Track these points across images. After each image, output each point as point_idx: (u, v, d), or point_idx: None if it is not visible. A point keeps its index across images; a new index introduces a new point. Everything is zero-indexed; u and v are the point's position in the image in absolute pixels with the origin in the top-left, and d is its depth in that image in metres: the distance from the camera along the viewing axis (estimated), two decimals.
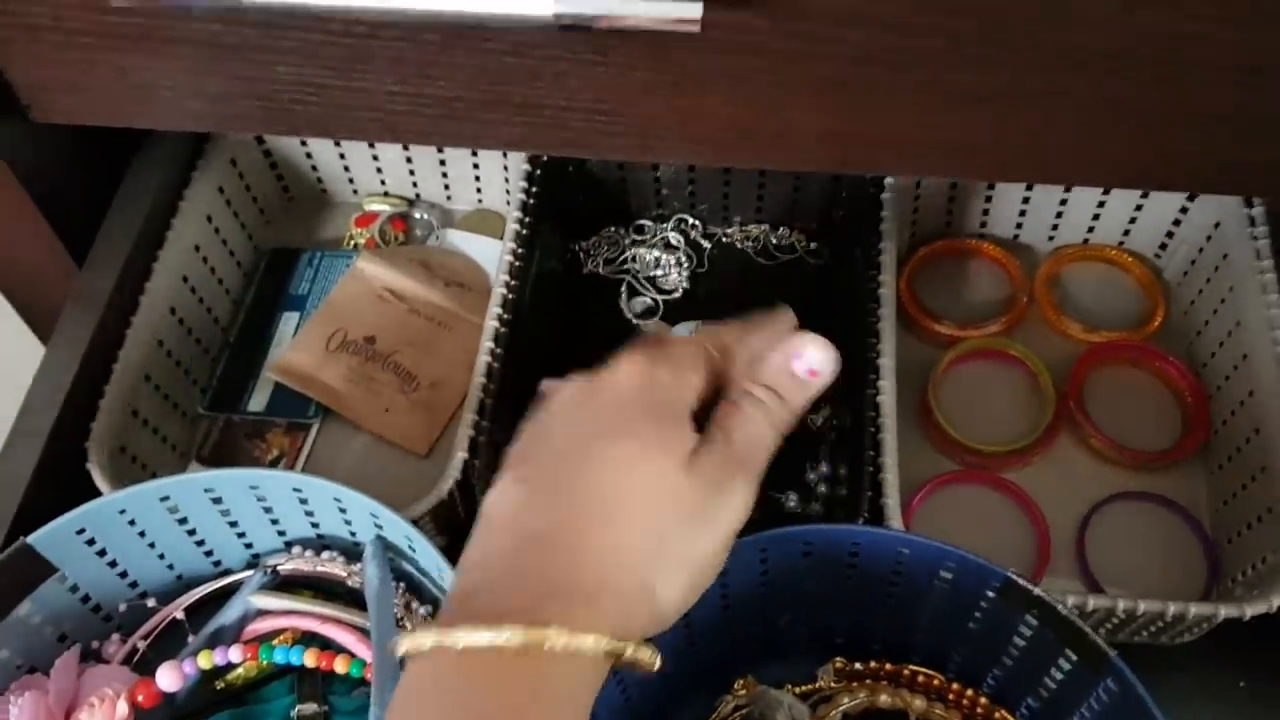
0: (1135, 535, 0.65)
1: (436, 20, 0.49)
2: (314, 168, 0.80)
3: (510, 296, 0.66)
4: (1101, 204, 0.72)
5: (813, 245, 0.77)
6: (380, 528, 0.53)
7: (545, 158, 0.72)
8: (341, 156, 0.79)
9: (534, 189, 0.70)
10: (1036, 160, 0.51)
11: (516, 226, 0.68)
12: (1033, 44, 0.46)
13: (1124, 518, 0.65)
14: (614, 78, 0.51)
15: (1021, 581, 0.47)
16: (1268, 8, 0.43)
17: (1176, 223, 0.72)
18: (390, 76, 0.54)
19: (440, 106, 0.55)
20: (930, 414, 0.68)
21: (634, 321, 0.74)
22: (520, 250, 0.68)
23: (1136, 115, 0.48)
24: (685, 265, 0.76)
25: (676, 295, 0.75)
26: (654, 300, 0.75)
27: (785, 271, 0.77)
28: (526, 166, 0.71)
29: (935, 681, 0.55)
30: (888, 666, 0.56)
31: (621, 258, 0.77)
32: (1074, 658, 0.47)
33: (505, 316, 0.65)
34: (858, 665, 0.56)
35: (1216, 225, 0.68)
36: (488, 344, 0.63)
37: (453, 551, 0.64)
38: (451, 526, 0.64)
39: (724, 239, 0.78)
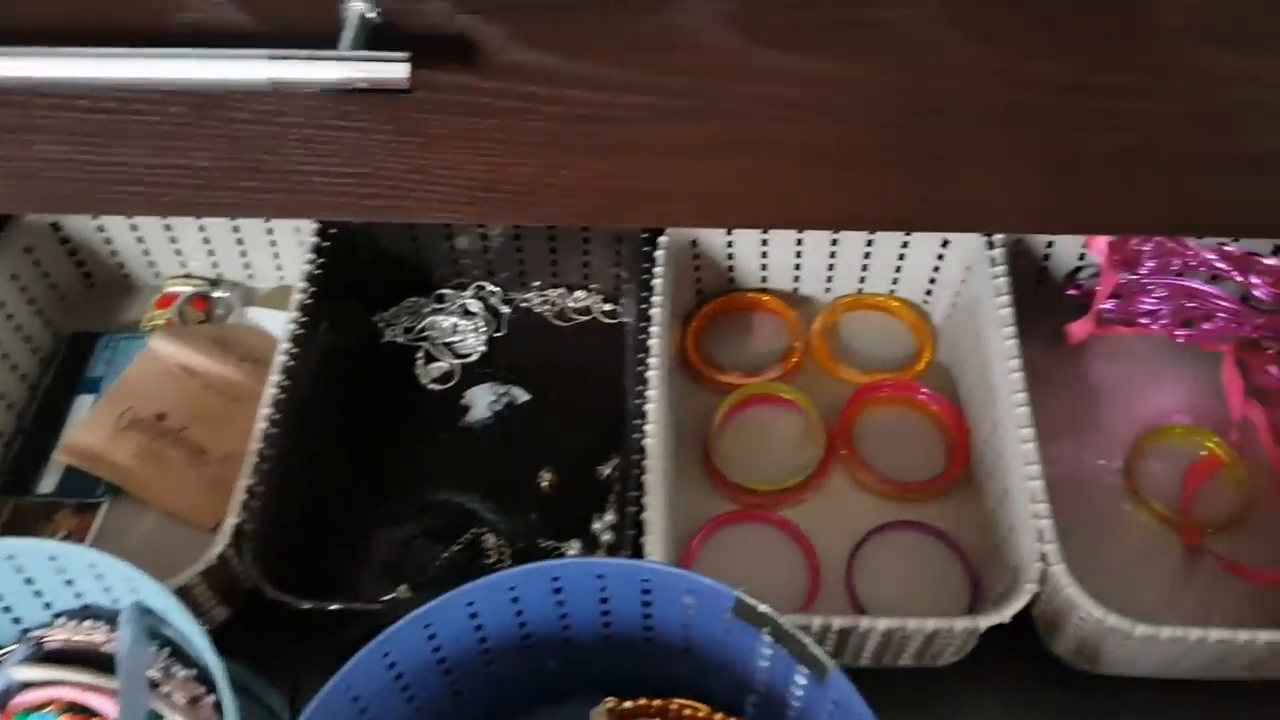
0: (902, 562, 0.68)
1: (174, 90, 0.51)
2: (114, 252, 0.81)
3: (292, 364, 0.67)
4: (868, 255, 0.77)
5: (607, 306, 0.80)
6: (137, 593, 0.54)
7: (334, 230, 0.74)
8: (140, 240, 0.80)
9: (321, 260, 0.72)
10: (753, 206, 0.54)
11: (300, 296, 0.70)
12: (736, 96, 0.50)
13: (891, 546, 0.68)
14: (359, 141, 0.53)
15: (749, 600, 0.50)
16: (939, 54, 0.47)
17: (936, 269, 0.77)
18: (146, 149, 0.55)
19: (197, 177, 0.56)
20: (709, 458, 0.71)
21: (430, 387, 0.76)
22: (304, 320, 0.69)
23: (836, 160, 0.52)
24: (483, 331, 0.78)
25: (473, 359, 0.77)
26: (450, 365, 0.77)
27: (581, 332, 0.80)
28: (315, 239, 0.73)
29: (700, 714, 0.57)
30: (656, 703, 0.58)
31: (420, 326, 0.79)
32: (806, 672, 0.50)
33: (285, 383, 0.66)
34: (628, 704, 0.58)
35: (968, 268, 0.73)
36: (265, 411, 0.65)
37: (234, 625, 0.65)
38: (235, 596, 0.64)
39: (522, 304, 0.81)
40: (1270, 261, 0.66)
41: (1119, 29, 0.42)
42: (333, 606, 0.60)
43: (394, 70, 0.47)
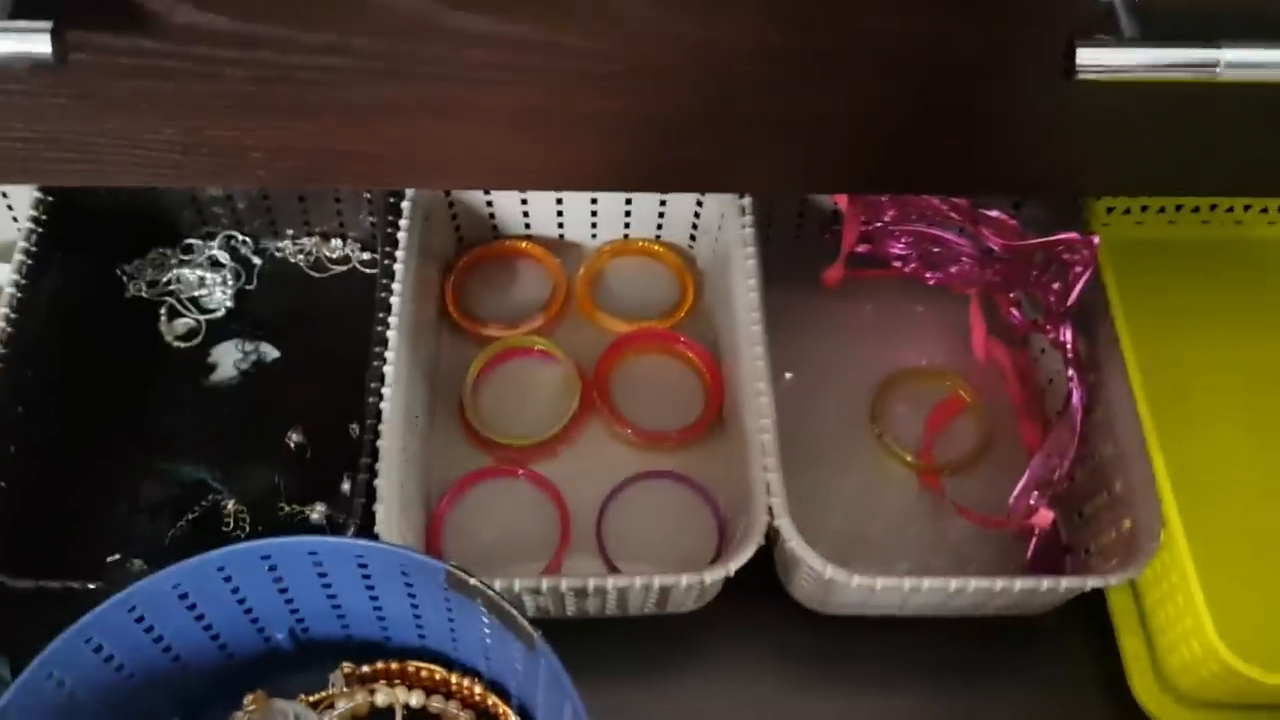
0: (652, 512, 0.68)
1: None
2: None
3: (10, 330, 0.64)
4: (629, 200, 0.76)
5: (366, 255, 0.78)
6: None
7: None
8: None
9: (44, 213, 0.68)
10: (464, 167, 0.53)
11: (22, 256, 0.66)
12: (433, 59, 0.48)
13: (643, 496, 0.69)
14: (38, 106, 0.50)
15: (459, 573, 0.49)
16: (635, 20, 0.46)
17: (697, 214, 0.76)
18: None
19: None
20: (464, 414, 0.70)
21: (174, 344, 0.73)
22: (24, 281, 0.65)
23: (544, 123, 0.51)
24: (231, 283, 0.75)
25: (219, 314, 0.74)
26: (196, 321, 0.74)
27: (338, 283, 0.77)
28: (38, 194, 0.69)
29: (437, 675, 0.57)
30: (393, 666, 0.58)
31: (166, 280, 0.75)
32: (518, 642, 0.50)
33: (3, 351, 0.63)
34: (365, 669, 0.58)
35: (723, 215, 0.73)
36: None
37: None
38: None
39: (276, 254, 0.77)
40: (994, 214, 0.68)
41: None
42: (49, 585, 0.57)
43: (37, 42, 0.43)
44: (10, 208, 0.76)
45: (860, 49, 0.44)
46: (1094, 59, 0.37)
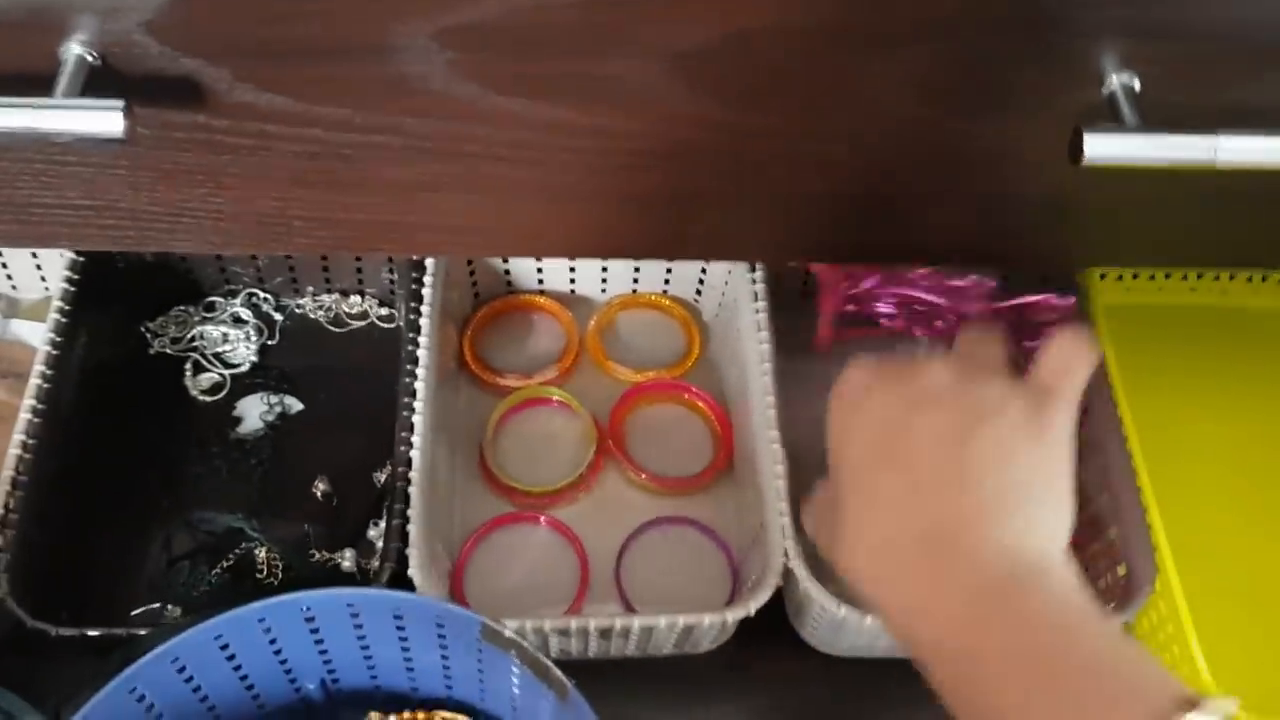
0: (668, 556, 0.71)
1: None
2: None
3: (48, 386, 0.66)
4: None
5: (383, 310, 0.80)
6: None
7: None
8: None
9: (79, 272, 0.71)
10: (499, 237, 0.56)
11: (57, 316, 0.69)
12: (476, 139, 0.51)
13: (658, 541, 0.71)
14: (95, 176, 0.53)
15: (494, 625, 0.52)
16: (668, 106, 0.49)
17: (704, 270, 0.80)
18: None
19: None
20: (484, 462, 0.73)
21: (199, 398, 0.75)
22: (59, 339, 0.68)
23: (574, 196, 0.54)
24: (254, 339, 0.78)
25: (243, 369, 0.77)
26: (220, 375, 0.76)
27: (358, 337, 0.80)
28: (71, 254, 0.71)
29: None
30: (420, 716, 0.60)
31: (189, 336, 0.77)
32: (550, 691, 0.52)
33: (39, 407, 0.65)
34: (393, 718, 0.60)
35: (730, 271, 0.77)
36: (19, 437, 0.63)
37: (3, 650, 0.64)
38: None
39: (296, 310, 0.80)
40: (961, 282, 0.72)
41: (830, 90, 0.46)
42: (92, 632, 0.59)
43: (109, 121, 0.46)
44: (39, 267, 0.78)
45: (879, 134, 0.48)
46: (1101, 147, 0.39)
